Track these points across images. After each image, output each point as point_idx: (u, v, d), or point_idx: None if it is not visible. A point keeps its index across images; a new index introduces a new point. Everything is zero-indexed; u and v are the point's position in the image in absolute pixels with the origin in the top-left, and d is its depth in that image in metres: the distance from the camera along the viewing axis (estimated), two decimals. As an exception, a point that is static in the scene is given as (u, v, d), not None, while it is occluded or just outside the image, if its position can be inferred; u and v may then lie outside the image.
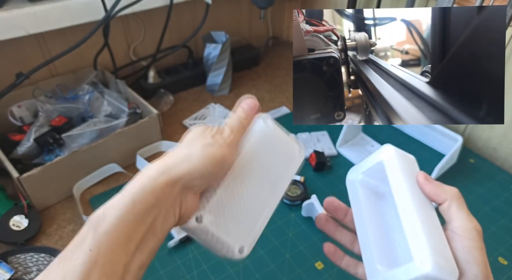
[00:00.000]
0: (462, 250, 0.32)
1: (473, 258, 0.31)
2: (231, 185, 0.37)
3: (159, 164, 0.33)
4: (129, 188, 0.31)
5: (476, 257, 0.31)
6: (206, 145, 0.34)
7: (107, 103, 0.80)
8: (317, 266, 0.62)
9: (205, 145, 0.34)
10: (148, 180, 0.31)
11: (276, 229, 0.67)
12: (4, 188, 0.71)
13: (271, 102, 1.00)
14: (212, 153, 0.34)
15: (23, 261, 0.60)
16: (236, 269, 0.61)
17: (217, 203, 0.36)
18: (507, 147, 0.81)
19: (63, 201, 0.72)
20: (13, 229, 0.64)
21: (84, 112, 0.79)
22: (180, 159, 0.33)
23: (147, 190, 0.31)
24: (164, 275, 0.60)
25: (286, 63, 1.17)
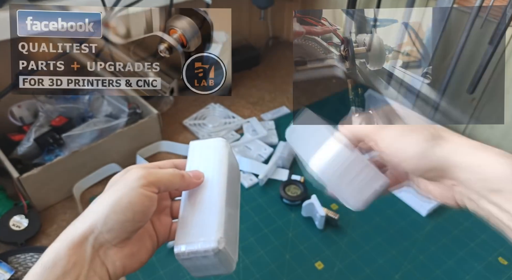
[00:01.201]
0: (390, 161, 0.33)
1: (398, 159, 0.32)
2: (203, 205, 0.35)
3: (73, 224, 0.32)
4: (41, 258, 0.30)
5: (398, 154, 0.32)
6: (113, 191, 0.32)
7: (107, 103, 0.80)
8: (317, 266, 0.62)
9: (112, 191, 0.32)
10: (55, 246, 0.30)
11: (276, 229, 0.67)
12: (4, 188, 0.71)
13: (271, 102, 1.00)
14: (117, 199, 0.31)
15: (23, 261, 0.60)
16: (236, 269, 0.61)
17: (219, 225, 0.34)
18: (507, 147, 0.81)
19: (63, 201, 0.72)
20: (13, 229, 0.64)
21: (84, 112, 0.79)
22: (86, 215, 0.32)
23: (56, 258, 0.29)
24: (164, 275, 0.60)
25: (286, 63, 1.17)
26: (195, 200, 0.36)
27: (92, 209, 0.32)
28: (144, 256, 0.35)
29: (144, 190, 0.32)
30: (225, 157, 0.39)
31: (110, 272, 0.32)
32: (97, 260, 0.31)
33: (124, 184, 0.32)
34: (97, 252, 0.31)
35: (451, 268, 0.62)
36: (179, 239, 0.34)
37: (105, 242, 0.31)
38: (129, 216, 0.31)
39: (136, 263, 0.34)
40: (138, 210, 0.32)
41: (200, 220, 0.34)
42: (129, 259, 0.33)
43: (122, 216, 0.31)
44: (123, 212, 0.31)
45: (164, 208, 0.39)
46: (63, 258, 0.29)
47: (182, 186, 0.35)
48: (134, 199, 0.31)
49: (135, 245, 0.34)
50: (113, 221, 0.31)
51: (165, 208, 0.39)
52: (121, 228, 0.31)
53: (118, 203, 0.31)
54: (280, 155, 0.78)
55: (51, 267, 0.29)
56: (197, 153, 0.39)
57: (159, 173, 0.34)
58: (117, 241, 0.32)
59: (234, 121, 0.91)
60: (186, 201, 0.37)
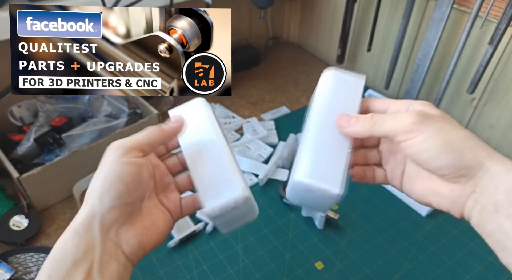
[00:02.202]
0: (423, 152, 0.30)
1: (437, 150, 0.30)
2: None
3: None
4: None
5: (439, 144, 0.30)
6: (99, 171, 0.31)
7: (107, 103, 0.80)
8: (317, 266, 0.62)
9: (98, 172, 0.31)
10: (61, 239, 0.29)
11: (276, 229, 0.67)
12: (4, 188, 0.71)
13: (271, 102, 1.00)
14: (104, 177, 0.31)
15: (23, 261, 0.60)
16: (236, 269, 0.61)
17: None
18: (507, 147, 0.81)
19: (63, 201, 0.72)
20: (13, 229, 0.64)
21: (84, 112, 0.79)
22: (84, 203, 0.31)
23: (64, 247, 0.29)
24: (164, 275, 0.60)
25: (286, 63, 1.17)
26: (203, 162, 0.36)
27: (87, 195, 0.31)
28: (161, 228, 0.34)
29: (126, 159, 0.31)
30: (211, 113, 0.39)
31: (126, 252, 0.31)
32: (109, 243, 0.30)
33: (105, 161, 0.32)
34: (107, 235, 0.30)
35: (451, 268, 0.62)
36: (206, 200, 0.34)
37: (112, 222, 0.30)
38: (122, 188, 0.30)
39: (154, 237, 0.33)
40: (129, 180, 0.31)
41: (218, 176, 0.35)
42: (144, 234, 0.32)
43: (115, 192, 0.30)
44: (114, 187, 0.30)
45: (167, 184, 0.38)
46: (70, 248, 0.28)
47: (165, 137, 0.35)
48: (119, 171, 0.31)
49: (146, 219, 0.33)
50: (109, 199, 0.30)
51: (169, 184, 0.38)
52: (121, 203, 0.30)
53: (107, 180, 0.30)
54: (280, 155, 0.78)
55: (60, 260, 0.28)
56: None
57: (135, 137, 0.33)
58: (124, 218, 0.31)
59: (234, 121, 0.91)
60: (195, 165, 0.37)
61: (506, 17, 0.66)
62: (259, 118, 0.93)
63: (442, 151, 0.29)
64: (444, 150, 0.29)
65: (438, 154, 0.30)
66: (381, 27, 0.96)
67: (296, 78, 1.09)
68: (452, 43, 0.82)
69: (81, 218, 0.30)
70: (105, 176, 0.31)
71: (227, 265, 0.61)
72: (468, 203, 0.30)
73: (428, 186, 0.33)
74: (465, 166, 0.29)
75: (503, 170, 0.29)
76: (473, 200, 0.30)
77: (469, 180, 0.30)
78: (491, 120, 0.82)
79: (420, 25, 0.88)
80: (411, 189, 0.35)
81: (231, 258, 0.62)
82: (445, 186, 0.31)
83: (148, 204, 0.34)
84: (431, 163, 0.30)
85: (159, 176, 0.37)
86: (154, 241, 0.33)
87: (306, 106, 0.37)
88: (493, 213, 0.28)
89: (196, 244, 0.64)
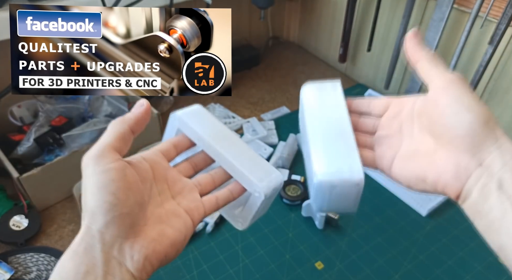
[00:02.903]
0: (449, 104, 0.30)
1: (464, 106, 0.29)
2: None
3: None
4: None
5: (467, 103, 0.29)
6: (83, 189, 0.29)
7: (107, 103, 0.80)
8: (317, 266, 0.62)
9: (82, 190, 0.29)
10: (61, 261, 0.28)
11: (276, 229, 0.67)
12: (4, 188, 0.71)
13: (271, 102, 1.00)
14: (89, 193, 0.28)
15: (23, 261, 0.60)
16: (236, 269, 0.61)
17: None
18: (507, 147, 0.81)
19: (63, 201, 0.72)
20: (13, 229, 0.64)
21: (84, 112, 0.79)
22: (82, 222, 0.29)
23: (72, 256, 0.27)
24: (164, 275, 0.60)
25: (286, 63, 1.17)
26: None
27: (83, 214, 0.29)
28: (172, 237, 0.30)
29: (102, 167, 0.28)
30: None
31: (131, 269, 0.28)
32: (112, 262, 0.28)
33: (84, 177, 0.29)
34: (109, 254, 0.28)
35: (451, 268, 0.62)
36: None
37: (114, 238, 0.28)
38: (111, 199, 0.28)
39: (162, 249, 0.29)
40: (114, 189, 0.28)
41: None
42: (151, 247, 0.29)
43: (105, 205, 0.27)
44: (102, 200, 0.27)
45: (183, 186, 0.35)
46: (70, 271, 0.27)
47: (132, 125, 0.33)
48: (101, 182, 0.28)
49: (153, 229, 0.30)
50: (101, 214, 0.27)
51: (185, 185, 0.35)
52: (115, 215, 0.28)
53: (93, 195, 0.28)
54: (280, 155, 0.78)
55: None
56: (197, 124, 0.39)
57: (101, 139, 0.30)
58: (125, 231, 0.28)
59: (234, 121, 0.91)
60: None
61: (506, 17, 0.66)
62: (259, 118, 0.93)
63: (472, 110, 0.29)
64: (474, 109, 0.29)
65: (467, 110, 0.29)
66: (381, 27, 0.96)
67: (296, 78, 1.09)
68: (452, 43, 0.82)
69: (78, 239, 0.28)
70: (91, 192, 0.28)
71: (227, 265, 0.61)
72: (471, 177, 0.29)
73: (429, 161, 0.32)
74: (483, 133, 0.29)
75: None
76: (477, 175, 0.29)
77: (479, 151, 0.29)
78: (491, 120, 0.82)
79: (420, 25, 0.88)
80: (403, 169, 0.34)
81: (231, 258, 0.62)
82: (451, 157, 0.30)
83: (157, 211, 0.31)
84: (457, 117, 0.29)
85: (171, 179, 0.34)
86: (163, 253, 0.30)
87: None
88: (496, 189, 0.28)
89: (196, 244, 0.64)
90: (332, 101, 0.39)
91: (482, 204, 0.28)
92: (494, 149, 0.29)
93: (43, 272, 0.59)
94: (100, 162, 0.29)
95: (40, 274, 0.59)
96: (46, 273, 0.59)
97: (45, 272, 0.59)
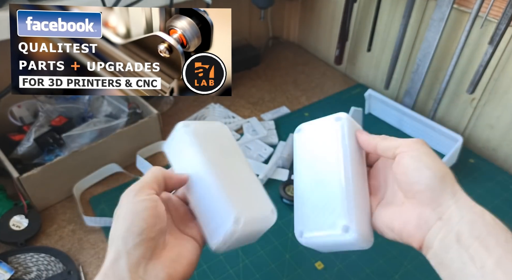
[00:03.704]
0: (411, 163, 0.33)
1: (423, 163, 0.33)
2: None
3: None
4: None
5: (425, 161, 0.33)
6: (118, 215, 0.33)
7: (107, 103, 0.80)
8: (317, 266, 0.62)
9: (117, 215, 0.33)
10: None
11: (276, 229, 0.67)
12: (4, 188, 0.71)
13: (271, 102, 1.00)
14: (123, 218, 0.32)
15: (23, 261, 0.60)
16: (236, 269, 0.61)
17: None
18: (507, 147, 0.81)
19: (63, 201, 0.72)
20: (13, 229, 0.64)
21: (84, 112, 0.79)
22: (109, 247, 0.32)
23: None
24: (164, 275, 0.60)
25: (286, 63, 1.17)
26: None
27: (110, 241, 0.32)
28: (188, 259, 0.35)
29: (139, 198, 0.33)
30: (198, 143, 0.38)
31: None
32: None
33: (121, 206, 0.33)
34: (136, 274, 0.31)
35: (451, 268, 0.62)
36: (209, 235, 0.37)
37: (139, 259, 0.31)
38: (142, 224, 0.32)
39: (181, 269, 0.34)
40: (147, 216, 0.32)
41: (214, 209, 0.36)
42: (172, 266, 0.33)
43: (137, 229, 0.32)
44: (135, 225, 0.32)
45: (184, 214, 0.39)
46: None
47: (173, 175, 0.37)
48: (136, 209, 0.32)
49: (172, 252, 0.34)
50: (132, 237, 0.31)
51: (185, 213, 0.39)
52: (143, 238, 0.32)
53: (126, 221, 0.32)
54: (280, 155, 0.78)
55: None
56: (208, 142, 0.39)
57: (142, 179, 0.35)
58: (150, 253, 0.32)
59: (234, 121, 0.91)
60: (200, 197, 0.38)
61: (506, 17, 0.66)
62: (259, 118, 0.93)
63: (430, 167, 0.33)
64: (432, 167, 0.33)
65: (426, 167, 0.33)
66: (381, 27, 0.96)
67: (296, 78, 1.09)
68: (452, 43, 0.82)
69: (108, 263, 0.31)
70: (124, 218, 0.32)
71: (227, 265, 0.61)
72: (432, 230, 0.32)
73: (397, 211, 0.35)
74: (441, 187, 0.32)
75: (471, 205, 0.32)
76: (438, 228, 0.32)
77: (439, 206, 0.32)
78: (491, 120, 0.82)
79: (420, 25, 0.88)
80: (380, 215, 0.37)
81: (231, 258, 0.62)
82: (414, 210, 0.34)
83: (172, 237, 0.35)
84: (416, 174, 0.33)
85: (173, 208, 0.38)
86: (182, 272, 0.33)
87: (306, 106, 0.38)
88: (455, 242, 0.30)
89: (196, 244, 0.64)
90: None
91: (443, 255, 0.31)
92: (452, 203, 0.32)
93: (43, 272, 0.59)
94: (139, 194, 0.33)
95: (40, 274, 0.59)
96: (46, 273, 0.59)
97: (45, 272, 0.59)
